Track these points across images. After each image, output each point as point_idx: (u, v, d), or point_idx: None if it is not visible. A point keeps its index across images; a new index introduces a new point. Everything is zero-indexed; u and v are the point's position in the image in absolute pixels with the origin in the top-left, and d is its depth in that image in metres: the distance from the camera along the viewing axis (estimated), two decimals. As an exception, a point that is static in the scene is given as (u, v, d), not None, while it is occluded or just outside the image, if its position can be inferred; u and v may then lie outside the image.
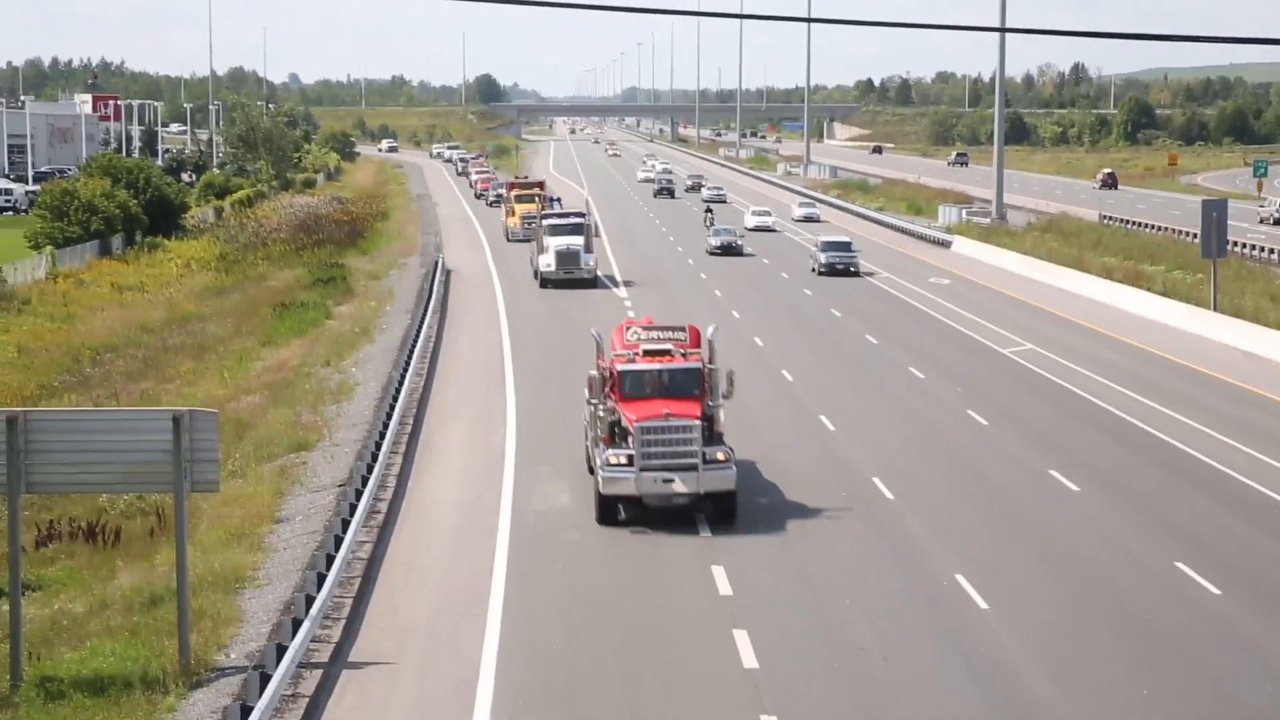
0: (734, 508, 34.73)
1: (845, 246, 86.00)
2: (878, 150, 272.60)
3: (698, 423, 34.35)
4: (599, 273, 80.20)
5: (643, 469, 34.15)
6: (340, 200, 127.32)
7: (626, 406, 35.22)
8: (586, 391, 36.36)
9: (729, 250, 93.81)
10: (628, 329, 37.97)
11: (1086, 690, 25.50)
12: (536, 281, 78.31)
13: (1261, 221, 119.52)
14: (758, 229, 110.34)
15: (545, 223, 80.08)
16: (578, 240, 78.64)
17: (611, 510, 34.81)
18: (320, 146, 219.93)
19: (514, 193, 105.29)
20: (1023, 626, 28.56)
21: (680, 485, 34.14)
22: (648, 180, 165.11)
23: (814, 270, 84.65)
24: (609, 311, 66.32)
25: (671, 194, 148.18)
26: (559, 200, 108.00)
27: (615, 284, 79.30)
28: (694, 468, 34.15)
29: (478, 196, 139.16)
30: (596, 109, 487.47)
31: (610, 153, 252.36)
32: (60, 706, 24.45)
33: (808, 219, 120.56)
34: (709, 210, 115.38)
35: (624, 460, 34.24)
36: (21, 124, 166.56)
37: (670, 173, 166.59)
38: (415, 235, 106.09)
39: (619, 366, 35.99)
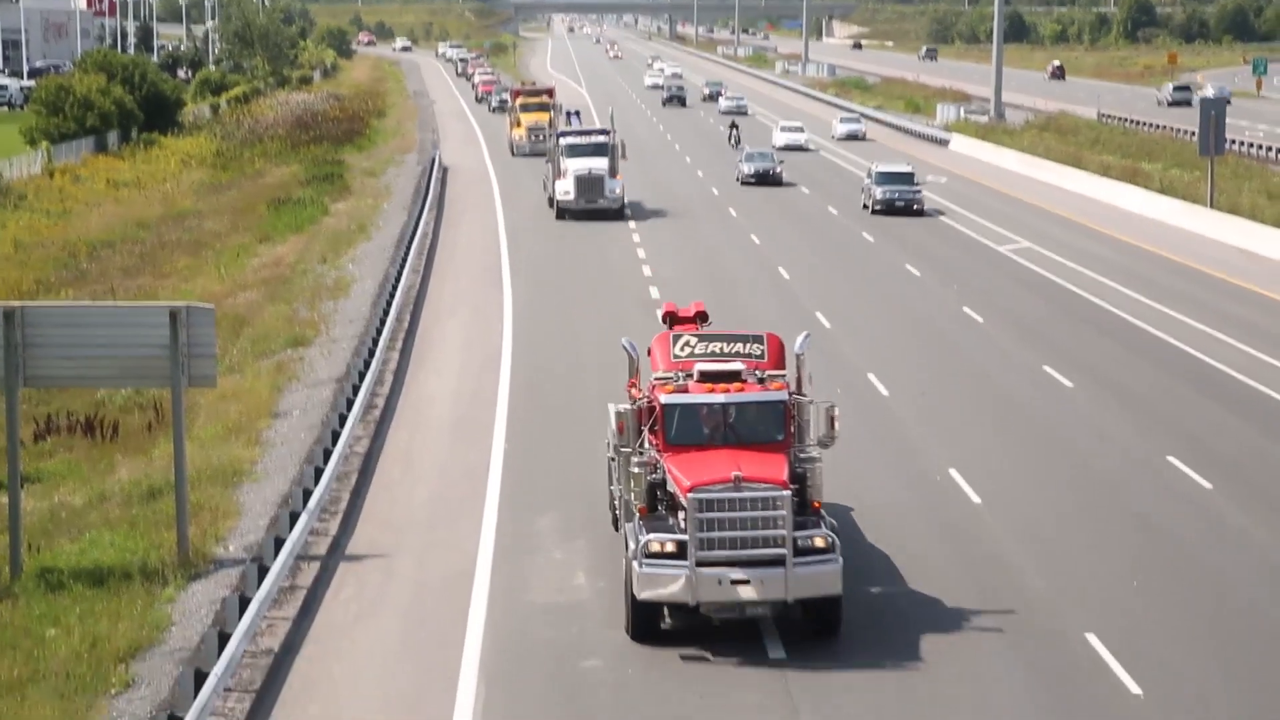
0: (838, 618, 23.25)
1: (907, 179, 70.35)
2: (857, 46, 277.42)
3: (785, 492, 22.75)
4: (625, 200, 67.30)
5: (701, 563, 22.59)
6: (337, 97, 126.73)
7: (675, 460, 23.61)
8: (613, 433, 24.45)
9: (765, 179, 78.54)
10: (675, 339, 25.96)
11: (1077, 581, 25.73)
12: (552, 210, 66.63)
13: (1159, 104, 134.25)
14: (788, 147, 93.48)
15: (563, 142, 67.31)
16: (601, 163, 65.79)
17: (651, 621, 23.22)
18: (316, 43, 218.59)
19: (519, 101, 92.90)
20: (1015, 520, 28.78)
21: (756, 590, 22.58)
22: (656, 86, 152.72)
23: (866, 207, 69.70)
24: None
25: (683, 102, 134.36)
26: (578, 114, 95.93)
27: (620, 215, 66.37)
28: (779, 561, 22.56)
29: (479, 100, 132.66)
30: (594, 6, 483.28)
31: (612, 54, 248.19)
32: (60, 597, 24.69)
33: (851, 136, 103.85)
34: (734, 126, 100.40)
35: (672, 548, 22.70)
36: (15, 19, 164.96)
37: (681, 78, 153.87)
38: (413, 133, 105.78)
39: (663, 398, 24.16)
